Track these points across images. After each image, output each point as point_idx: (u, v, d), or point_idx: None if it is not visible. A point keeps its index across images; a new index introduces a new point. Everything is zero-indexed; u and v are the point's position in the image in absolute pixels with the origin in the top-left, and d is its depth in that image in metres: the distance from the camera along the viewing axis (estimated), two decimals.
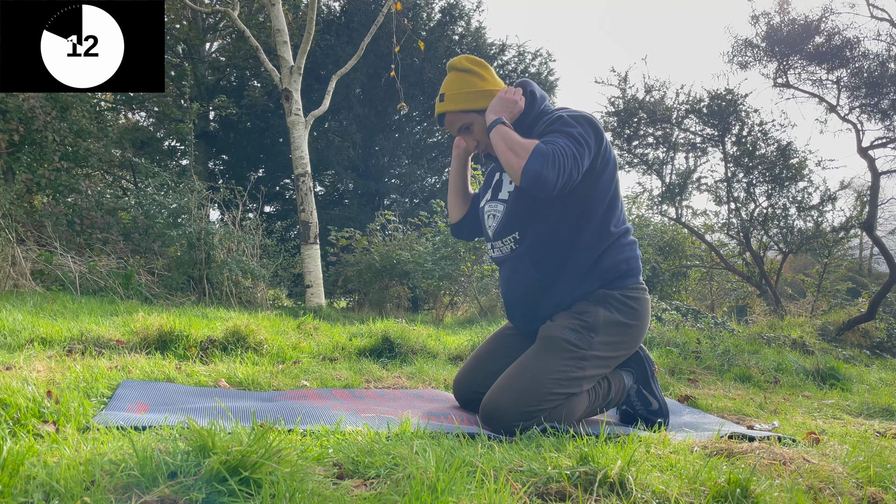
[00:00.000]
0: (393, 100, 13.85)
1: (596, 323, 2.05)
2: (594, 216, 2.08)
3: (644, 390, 2.26)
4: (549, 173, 1.88)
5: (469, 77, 2.19)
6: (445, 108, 2.20)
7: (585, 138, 1.99)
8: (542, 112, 2.17)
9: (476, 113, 2.19)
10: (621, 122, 9.68)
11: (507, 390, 1.96)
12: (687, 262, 10.97)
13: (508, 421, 1.91)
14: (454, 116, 2.21)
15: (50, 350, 2.78)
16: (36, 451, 1.22)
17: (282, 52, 7.06)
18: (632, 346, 2.16)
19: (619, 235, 2.14)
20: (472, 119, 2.20)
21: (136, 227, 7.31)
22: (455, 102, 2.18)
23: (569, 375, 1.98)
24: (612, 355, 2.10)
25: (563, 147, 1.92)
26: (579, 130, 1.99)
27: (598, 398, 2.14)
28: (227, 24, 13.27)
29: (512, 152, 1.96)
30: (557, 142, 1.94)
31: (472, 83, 2.18)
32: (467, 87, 2.18)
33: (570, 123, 2.01)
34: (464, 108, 2.18)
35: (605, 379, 2.18)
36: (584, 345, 2.03)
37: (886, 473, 1.55)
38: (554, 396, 1.95)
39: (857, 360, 5.45)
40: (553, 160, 1.89)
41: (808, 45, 8.54)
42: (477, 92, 2.17)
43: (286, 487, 1.12)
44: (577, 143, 1.96)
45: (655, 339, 4.80)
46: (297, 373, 2.84)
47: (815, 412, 2.86)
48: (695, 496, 1.31)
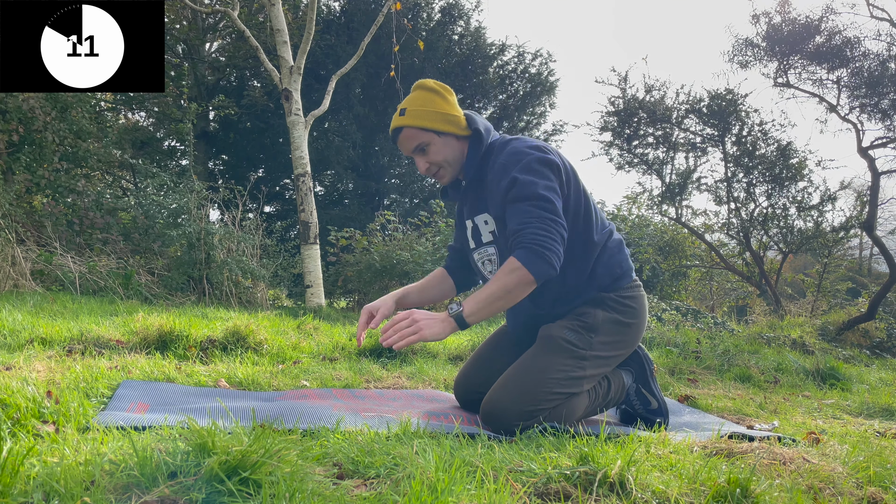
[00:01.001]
0: (393, 100, 13.85)
1: (595, 323, 2.06)
2: (576, 236, 2.06)
3: (643, 389, 2.26)
4: (548, 263, 1.86)
5: (434, 97, 2.11)
6: (405, 122, 2.10)
7: (550, 186, 1.94)
8: (491, 146, 2.12)
9: (435, 133, 2.09)
10: (621, 121, 9.68)
11: (508, 390, 1.96)
12: (687, 262, 10.97)
13: (509, 421, 1.91)
14: (413, 132, 2.10)
15: (50, 350, 2.78)
16: (36, 451, 1.22)
17: (282, 52, 7.06)
18: (631, 344, 2.17)
19: (605, 241, 2.13)
20: (429, 139, 2.10)
21: (136, 228, 7.31)
22: (416, 118, 2.09)
23: (569, 375, 1.99)
24: (612, 354, 2.10)
25: (537, 224, 1.88)
26: (544, 183, 1.94)
27: (597, 398, 2.14)
28: (227, 24, 13.27)
29: (509, 290, 1.88)
30: (530, 224, 1.89)
31: (436, 103, 2.11)
32: (431, 106, 2.10)
33: (530, 182, 1.93)
34: (424, 125, 2.08)
35: (604, 378, 2.19)
36: (584, 345, 2.03)
37: (886, 473, 1.55)
38: (554, 396, 1.95)
39: (857, 360, 5.45)
40: (540, 250, 1.85)
41: (809, 44, 8.54)
42: (440, 113, 2.09)
43: (286, 487, 1.12)
44: (547, 201, 1.91)
45: (655, 339, 4.80)
46: (297, 373, 2.84)
47: (815, 412, 2.87)
48: (695, 496, 1.31)
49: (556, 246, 1.87)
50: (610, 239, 2.16)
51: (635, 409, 2.26)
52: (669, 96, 9.55)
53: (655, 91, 9.51)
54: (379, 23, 7.49)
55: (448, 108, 2.11)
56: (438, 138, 2.10)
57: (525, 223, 1.90)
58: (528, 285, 1.89)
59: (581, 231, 2.07)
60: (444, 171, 2.15)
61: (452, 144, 2.12)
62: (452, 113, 2.11)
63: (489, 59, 15.30)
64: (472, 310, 1.89)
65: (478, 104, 15.86)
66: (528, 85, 15.63)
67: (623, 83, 9.61)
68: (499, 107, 15.89)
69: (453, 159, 2.13)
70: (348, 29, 13.64)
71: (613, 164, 10.07)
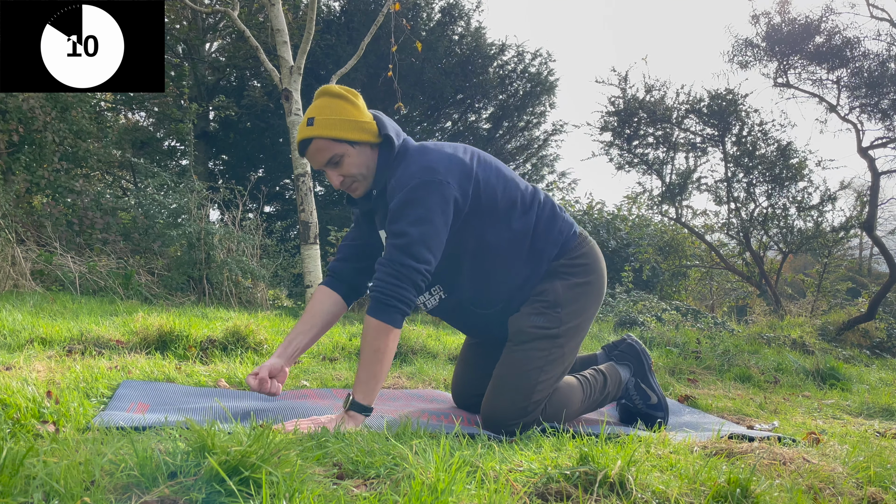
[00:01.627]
0: (393, 100, 13.84)
1: (557, 297, 2.03)
2: (502, 231, 2.00)
3: (642, 384, 2.27)
4: (397, 310, 1.83)
5: (343, 104, 1.96)
6: (315, 132, 1.93)
7: (421, 218, 1.84)
8: (398, 156, 1.98)
9: (349, 144, 1.94)
10: (621, 121, 9.68)
11: (499, 394, 1.97)
12: (687, 262, 10.97)
13: (509, 422, 1.92)
14: (324, 144, 1.94)
15: (50, 350, 2.78)
16: (36, 451, 1.22)
17: (282, 52, 7.06)
18: (598, 297, 2.13)
19: (535, 218, 2.06)
20: (343, 150, 1.94)
21: (136, 227, 7.31)
22: (327, 128, 1.93)
23: (550, 358, 1.98)
24: (583, 318, 2.08)
25: (388, 269, 1.84)
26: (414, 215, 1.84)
27: (593, 391, 2.15)
28: (227, 24, 13.27)
29: (378, 349, 1.83)
30: (381, 268, 1.85)
31: (346, 110, 1.95)
32: (342, 114, 1.94)
33: (400, 216, 1.85)
34: (337, 135, 1.92)
35: (599, 372, 2.21)
36: (554, 323, 2.01)
37: (886, 473, 1.55)
38: (544, 384, 1.96)
39: (857, 360, 5.45)
40: (386, 299, 1.82)
41: (809, 44, 8.54)
42: (353, 121, 1.94)
43: (286, 487, 1.12)
44: (405, 237, 1.83)
45: (655, 339, 4.80)
46: (297, 373, 2.84)
47: (815, 412, 2.86)
48: (695, 496, 1.31)
49: (404, 293, 1.83)
50: (541, 211, 2.08)
51: (635, 404, 2.26)
52: (669, 96, 9.55)
53: (655, 91, 9.51)
54: (379, 23, 7.49)
55: (359, 114, 1.97)
56: (353, 149, 1.96)
57: (380, 264, 1.87)
58: (390, 332, 1.84)
59: (507, 221, 2.01)
60: (358, 183, 2.01)
61: (367, 154, 1.98)
62: (365, 120, 1.97)
63: (489, 59, 15.29)
64: (363, 392, 1.82)
65: (478, 104, 15.86)
66: (528, 85, 15.62)
67: (623, 83, 9.61)
68: (499, 107, 15.88)
69: (368, 170, 1.99)
70: (348, 29, 13.64)
71: (613, 164, 10.06)
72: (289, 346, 2.10)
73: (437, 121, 16.05)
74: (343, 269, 2.20)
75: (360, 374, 1.85)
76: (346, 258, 2.20)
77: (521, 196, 2.06)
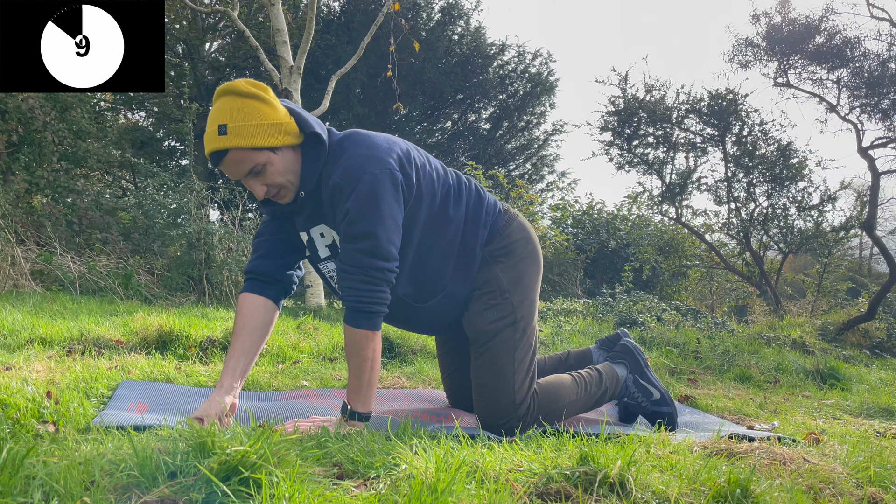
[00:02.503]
0: (393, 100, 13.84)
1: (501, 285, 2.00)
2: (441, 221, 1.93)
3: (641, 380, 2.25)
4: (377, 314, 1.78)
5: (256, 104, 1.71)
6: (230, 143, 1.67)
7: (381, 218, 1.74)
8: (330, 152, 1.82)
9: (271, 151, 1.72)
10: (621, 121, 9.67)
11: (485, 398, 1.97)
12: (687, 262, 10.97)
13: (506, 419, 1.94)
14: (242, 155, 1.69)
15: (50, 350, 2.77)
16: (36, 451, 1.22)
17: (281, 52, 7.06)
18: (538, 265, 2.11)
19: (466, 200, 1.99)
20: (266, 159, 1.71)
21: (136, 227, 7.31)
22: (243, 136, 1.68)
23: (516, 343, 1.98)
24: (532, 292, 2.07)
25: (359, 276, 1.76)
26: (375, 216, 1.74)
27: (588, 385, 2.14)
28: (227, 24, 13.27)
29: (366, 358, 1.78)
30: (351, 275, 1.77)
31: (262, 112, 1.71)
32: (257, 118, 1.69)
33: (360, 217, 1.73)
34: (255, 143, 1.69)
35: (594, 370, 2.21)
36: (508, 310, 1.99)
37: (886, 473, 1.55)
38: (522, 368, 1.96)
39: (857, 360, 5.44)
40: (363, 308, 1.76)
41: (809, 44, 8.54)
42: (270, 124, 1.71)
43: (286, 488, 1.12)
44: (372, 238, 1.74)
45: (655, 339, 4.80)
46: (297, 373, 2.84)
47: (815, 412, 2.86)
48: (695, 496, 1.31)
49: (381, 295, 1.78)
50: (469, 196, 2.01)
51: (639, 402, 2.23)
52: (669, 96, 9.54)
53: (655, 91, 9.50)
54: (379, 23, 7.49)
55: (276, 114, 1.73)
56: (276, 155, 1.73)
57: (347, 272, 1.78)
58: (374, 337, 1.79)
59: (443, 217, 1.94)
60: (285, 190, 1.79)
61: (290, 157, 1.77)
62: (283, 121, 1.74)
63: (489, 59, 15.30)
64: (361, 401, 1.79)
65: (478, 104, 15.86)
66: (528, 85, 15.63)
67: (623, 83, 9.60)
68: (499, 107, 15.89)
69: (294, 175, 1.78)
70: (348, 29, 13.64)
71: (613, 163, 10.06)
72: (234, 376, 1.86)
73: (437, 121, 16.05)
74: (269, 268, 1.97)
75: (352, 384, 1.79)
76: (270, 254, 1.98)
77: (452, 182, 1.99)
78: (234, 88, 1.71)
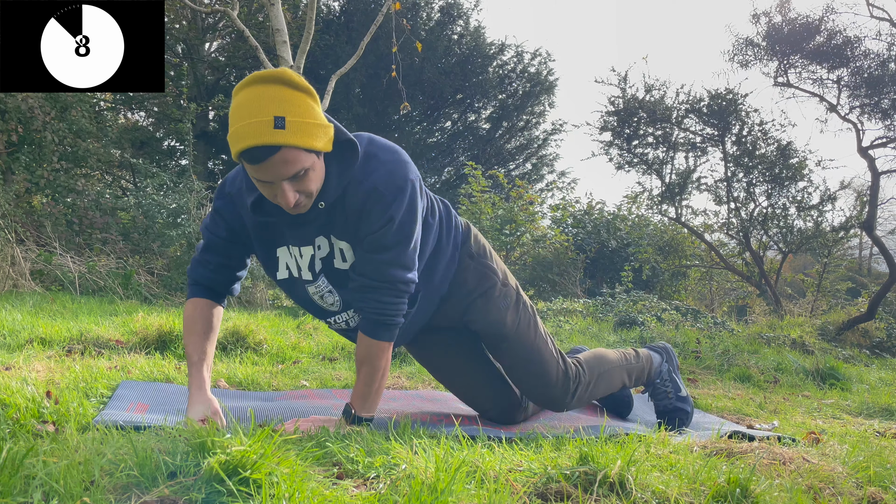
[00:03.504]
0: (392, 100, 13.84)
1: (485, 276, 2.00)
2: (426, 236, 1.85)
3: (675, 375, 2.37)
4: (395, 326, 1.76)
5: (310, 102, 1.51)
6: (287, 139, 1.44)
7: (413, 233, 1.69)
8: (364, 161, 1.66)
9: (316, 155, 1.54)
10: (621, 121, 9.67)
11: (533, 385, 2.03)
12: (687, 262, 10.97)
13: (565, 395, 2.05)
14: (295, 155, 1.47)
15: (49, 350, 2.77)
16: (36, 451, 1.22)
17: (281, 52, 7.06)
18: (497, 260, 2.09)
19: (439, 213, 1.91)
20: (311, 162, 1.52)
21: (136, 227, 7.31)
22: (302, 134, 1.47)
23: (532, 320, 2.05)
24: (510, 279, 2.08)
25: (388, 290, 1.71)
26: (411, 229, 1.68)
27: (627, 357, 2.27)
28: (227, 24, 13.27)
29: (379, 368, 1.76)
30: (379, 290, 1.71)
31: (315, 112, 1.51)
32: (313, 116, 1.50)
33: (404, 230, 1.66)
34: (312, 145, 1.49)
35: (632, 349, 2.36)
36: (508, 291, 2.03)
37: (886, 473, 1.55)
38: (544, 339, 2.05)
39: (857, 360, 5.45)
40: (384, 320, 1.73)
41: (809, 44, 8.54)
42: (321, 126, 1.53)
43: (286, 487, 1.12)
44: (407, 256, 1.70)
45: (655, 339, 4.80)
46: (296, 373, 2.84)
47: (815, 412, 2.87)
48: (695, 496, 1.31)
49: (404, 307, 1.76)
50: (441, 209, 1.94)
51: (668, 395, 2.31)
52: (669, 96, 9.54)
53: (655, 91, 9.50)
54: (378, 23, 7.49)
55: (321, 116, 1.55)
56: (319, 161, 1.56)
57: (371, 287, 1.71)
58: (388, 349, 1.78)
59: (429, 231, 1.87)
60: (308, 200, 1.59)
61: (322, 165, 1.60)
62: (327, 123, 1.57)
63: (489, 59, 15.30)
64: (367, 408, 1.77)
65: (477, 104, 15.87)
66: (527, 84, 15.64)
67: (623, 83, 9.60)
68: (498, 106, 15.89)
69: (321, 184, 1.61)
70: (348, 29, 13.65)
71: (613, 163, 10.06)
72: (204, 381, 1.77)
73: (437, 120, 16.06)
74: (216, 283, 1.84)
75: (360, 390, 1.77)
76: (227, 255, 1.83)
77: (429, 197, 1.91)
78: (286, 77, 1.47)
